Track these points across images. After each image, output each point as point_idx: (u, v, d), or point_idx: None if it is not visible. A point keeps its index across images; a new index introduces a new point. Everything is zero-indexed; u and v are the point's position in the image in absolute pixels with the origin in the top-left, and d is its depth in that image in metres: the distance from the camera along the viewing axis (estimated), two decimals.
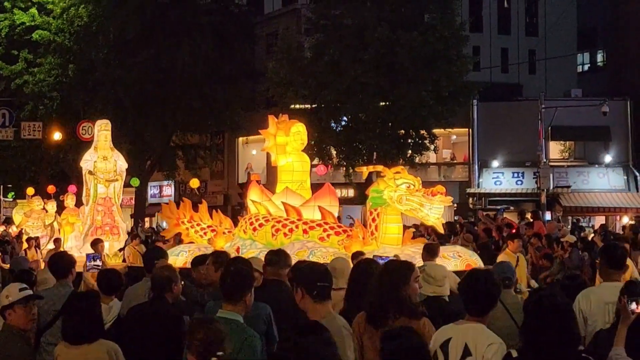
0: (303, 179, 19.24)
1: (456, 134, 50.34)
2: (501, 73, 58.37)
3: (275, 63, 42.76)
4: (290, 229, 17.63)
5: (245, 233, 18.56)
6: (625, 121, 48.98)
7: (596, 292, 8.82)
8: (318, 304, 7.12)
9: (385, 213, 16.79)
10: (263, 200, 18.68)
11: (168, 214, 21.08)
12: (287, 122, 19.23)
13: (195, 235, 20.24)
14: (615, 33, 51.97)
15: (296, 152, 19.10)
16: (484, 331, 6.65)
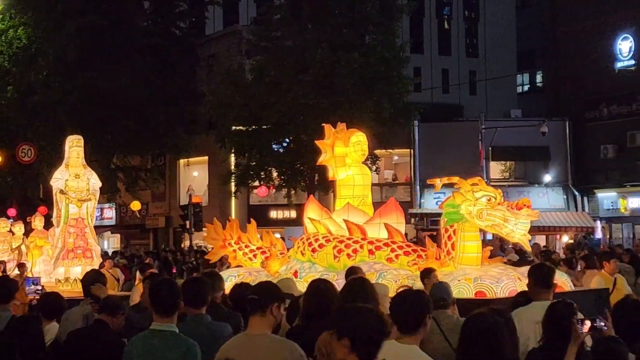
0: (365, 194, 17.61)
1: (398, 154, 50.48)
2: (442, 94, 58.86)
3: (215, 85, 42.67)
4: (354, 250, 16.19)
5: (303, 255, 17.00)
6: (564, 141, 49.48)
7: (526, 311, 8.81)
8: (250, 318, 7.01)
9: (462, 230, 15.22)
10: (323, 217, 17.08)
11: (213, 235, 19.33)
12: (346, 132, 17.79)
13: (244, 258, 18.57)
14: (554, 54, 52.51)
15: (357, 164, 17.51)
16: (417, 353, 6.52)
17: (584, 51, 47.52)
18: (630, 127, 45.72)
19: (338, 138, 17.51)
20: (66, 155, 23.45)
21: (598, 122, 47.95)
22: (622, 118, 46.48)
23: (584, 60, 47.48)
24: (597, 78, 46.94)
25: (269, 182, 44.41)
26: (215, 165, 48.52)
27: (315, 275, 14.80)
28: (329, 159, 17.57)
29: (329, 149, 17.59)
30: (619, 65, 47.18)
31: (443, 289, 9.56)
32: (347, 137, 17.46)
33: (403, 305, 6.66)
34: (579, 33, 48.51)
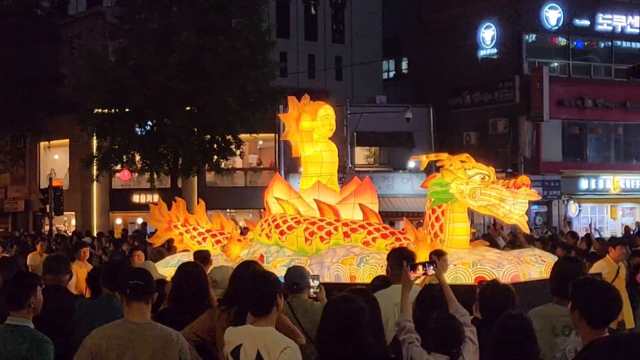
0: (332, 172, 16.19)
1: (263, 139, 50.33)
2: (308, 79, 58.87)
3: (77, 67, 41.85)
4: (328, 232, 14.83)
5: (269, 238, 15.53)
6: (428, 127, 50.11)
7: (386, 293, 8.85)
8: (133, 304, 6.72)
9: (451, 211, 14.05)
10: (291, 197, 15.56)
11: (157, 217, 17.56)
12: (312, 104, 16.17)
13: (192, 242, 16.92)
14: (418, 42, 53.10)
15: (324, 139, 16.05)
16: (276, 335, 6.42)
17: (448, 39, 48.17)
18: (492, 114, 46.55)
19: (304, 111, 16.01)
20: None
21: (461, 109, 48.70)
22: (484, 105, 47.29)
23: (448, 48, 48.15)
24: (460, 66, 47.64)
25: (132, 166, 43.83)
26: (77, 148, 47.63)
27: (284, 259, 14.25)
28: (294, 133, 16.07)
29: (293, 123, 16.08)
30: (481, 53, 48.00)
31: (297, 272, 9.47)
32: (315, 110, 16.00)
33: (252, 289, 6.58)
34: (443, 21, 49.16)
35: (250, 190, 49.91)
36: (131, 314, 6.68)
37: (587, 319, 5.86)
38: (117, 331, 6.63)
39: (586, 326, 5.83)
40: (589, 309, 5.87)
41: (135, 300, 6.69)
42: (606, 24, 48.11)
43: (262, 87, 41.51)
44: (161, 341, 6.59)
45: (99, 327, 6.83)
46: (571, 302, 6.06)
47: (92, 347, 6.55)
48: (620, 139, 49.04)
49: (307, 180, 15.90)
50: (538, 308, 7.91)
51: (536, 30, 47.03)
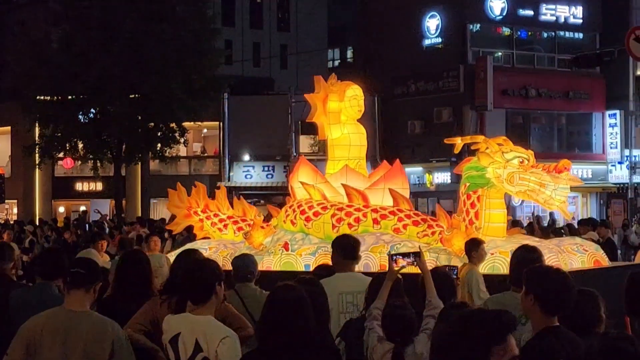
0: (360, 156, 15.40)
1: (207, 127, 50.10)
2: (253, 67, 58.75)
3: (18, 54, 41.43)
4: (356, 219, 14.09)
5: (294, 224, 14.78)
6: (373, 116, 50.11)
7: (331, 282, 8.70)
8: (72, 291, 6.65)
9: (487, 197, 13.40)
10: (317, 182, 14.86)
11: (176, 202, 16.84)
12: (340, 84, 15.50)
13: (212, 229, 16.17)
14: (364, 30, 53.15)
15: (352, 121, 15.35)
16: (214, 324, 6.35)
17: (393, 28, 48.22)
18: (436, 103, 46.71)
19: (331, 91, 15.32)
20: None
21: (406, 98, 48.78)
22: (429, 94, 47.40)
23: (393, 37, 48.21)
24: (405, 55, 47.73)
25: (75, 154, 43.54)
26: (19, 135, 47.10)
27: (310, 247, 13.79)
28: (320, 115, 15.33)
29: (320, 104, 15.36)
30: (426, 42, 48.11)
31: (248, 261, 9.42)
32: (342, 91, 15.29)
33: (191, 277, 6.54)
34: (388, 10, 49.19)
35: (195, 178, 49.48)
36: (70, 301, 6.62)
37: (540, 305, 5.88)
38: (53, 318, 6.57)
39: (539, 312, 5.85)
40: (543, 294, 5.89)
41: (75, 287, 6.61)
42: (550, 14, 48.44)
43: (206, 75, 41.42)
44: (95, 330, 6.52)
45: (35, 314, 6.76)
46: (525, 287, 6.08)
47: (28, 334, 6.49)
48: (563, 128, 49.50)
49: (334, 164, 15.28)
50: (495, 296, 7.99)
51: (480, 19, 47.25)
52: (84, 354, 6.44)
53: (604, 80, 48.31)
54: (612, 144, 48.63)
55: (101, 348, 6.46)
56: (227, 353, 6.15)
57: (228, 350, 6.16)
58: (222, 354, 6.14)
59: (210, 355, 6.17)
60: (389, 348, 6.82)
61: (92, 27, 40.49)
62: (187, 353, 6.24)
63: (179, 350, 6.29)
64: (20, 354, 6.46)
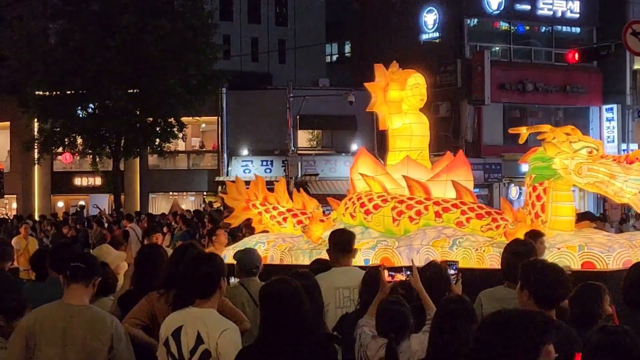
0: (423, 146, 14.59)
1: (205, 122, 50.20)
2: (251, 62, 58.73)
3: (17, 48, 41.48)
4: (417, 212, 13.35)
5: (353, 218, 14.10)
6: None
7: (327, 277, 8.78)
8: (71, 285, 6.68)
9: (554, 189, 12.64)
10: (377, 173, 14.21)
11: (234, 195, 15.89)
12: (401, 72, 14.70)
13: (272, 222, 15.38)
14: (361, 25, 53.20)
15: (414, 110, 14.52)
16: (215, 317, 6.41)
17: (390, 23, 48.29)
18: (433, 98, 46.46)
19: (393, 80, 14.54)
20: None
21: None
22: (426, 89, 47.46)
23: (390, 32, 48.26)
24: (402, 49, 47.66)
25: (74, 149, 43.58)
26: (18, 130, 47.15)
27: (370, 241, 13.12)
28: (381, 104, 14.63)
29: (380, 93, 14.64)
30: (423, 37, 48.19)
31: (253, 256, 9.47)
32: (404, 79, 14.47)
33: (198, 271, 6.54)
34: (386, 5, 49.27)
35: (193, 173, 49.86)
36: (69, 295, 6.64)
37: (535, 299, 5.96)
38: (52, 312, 6.60)
39: (534, 306, 5.90)
40: (537, 289, 5.97)
41: (74, 282, 6.63)
42: (547, 8, 48.52)
43: (204, 70, 41.44)
44: (93, 324, 6.55)
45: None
46: (520, 282, 6.15)
47: (27, 328, 6.52)
48: (560, 122, 49.41)
49: (395, 155, 14.52)
50: (489, 290, 7.89)
51: (478, 14, 47.32)
52: (83, 348, 6.47)
53: (601, 75, 48.40)
54: (609, 138, 48.72)
55: (100, 342, 6.50)
56: (228, 345, 6.20)
57: (229, 342, 6.22)
58: (222, 345, 6.20)
59: (211, 347, 6.22)
60: (382, 343, 6.83)
61: (90, 22, 40.56)
62: (189, 345, 6.29)
63: (181, 343, 6.34)
64: (19, 348, 6.49)
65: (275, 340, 5.66)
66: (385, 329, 6.87)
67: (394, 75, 14.54)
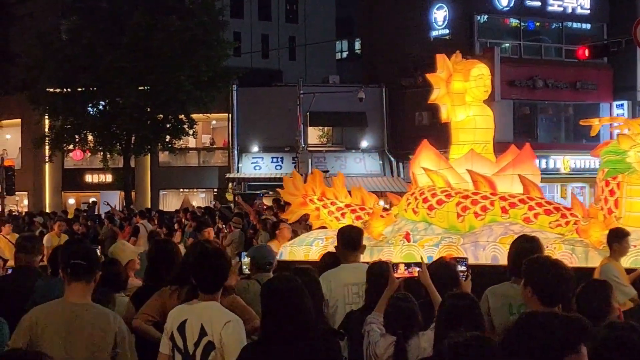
0: (487, 139, 14.11)
1: (216, 119, 50.28)
2: (262, 59, 58.81)
3: (28, 45, 41.61)
4: (483, 207, 12.86)
5: (415, 213, 13.61)
6: (381, 107, 50.26)
7: (336, 274, 8.82)
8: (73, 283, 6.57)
9: (628, 183, 12.06)
10: (441, 167, 13.71)
11: (291, 190, 15.44)
12: (465, 63, 14.27)
13: (329, 218, 14.81)
14: (371, 22, 53.18)
15: (478, 102, 14.07)
16: (219, 309, 6.47)
17: (400, 19, 48.26)
18: None
19: (456, 71, 14.05)
20: None
21: (413, 89, 48.80)
22: None
23: (400, 29, 48.24)
24: (412, 46, 47.74)
25: (84, 146, 43.71)
26: (29, 127, 47.31)
27: (433, 238, 12.74)
28: (443, 96, 14.11)
29: (443, 85, 14.11)
30: (434, 33, 48.11)
31: (267, 252, 9.54)
32: (467, 70, 14.00)
33: (205, 268, 6.58)
34: (396, 1, 49.24)
35: (204, 170, 49.93)
36: (70, 293, 6.54)
37: (538, 296, 5.98)
38: (55, 311, 6.52)
39: (538, 303, 5.92)
40: (541, 285, 5.98)
41: (75, 280, 6.53)
42: (557, 5, 48.41)
43: (215, 67, 41.50)
44: (97, 323, 6.49)
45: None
46: (524, 279, 6.17)
47: (30, 326, 6.45)
48: (570, 119, 49.46)
49: (459, 148, 14.09)
50: (495, 286, 7.86)
51: (488, 11, 47.25)
52: (87, 346, 6.42)
53: (612, 71, 48.30)
54: None
55: (104, 340, 6.46)
56: (231, 337, 6.26)
57: (232, 334, 6.27)
58: (225, 337, 6.26)
59: (215, 339, 6.29)
60: (391, 341, 6.84)
61: (101, 19, 40.66)
62: (194, 338, 6.36)
63: (186, 336, 6.41)
64: (22, 345, 6.34)
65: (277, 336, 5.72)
66: (393, 326, 6.88)
67: (457, 66, 14.13)
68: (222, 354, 6.29)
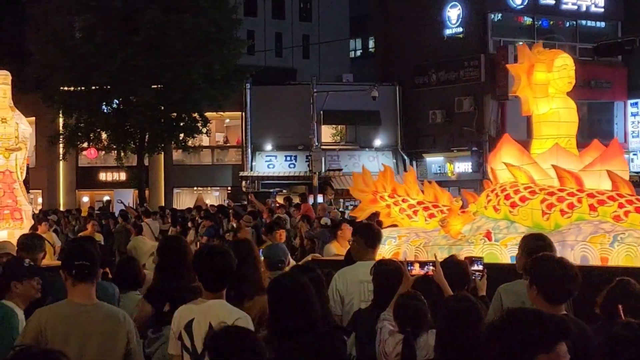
0: (571, 133, 13.32)
1: (229, 117, 50.38)
2: (275, 57, 58.85)
3: (42, 44, 41.74)
4: (569, 205, 11.98)
5: (496, 211, 12.91)
6: (394, 106, 50.24)
7: (352, 271, 8.83)
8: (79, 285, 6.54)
9: None
10: (524, 162, 12.94)
11: (361, 186, 14.79)
12: (548, 52, 13.54)
13: (400, 215, 14.15)
14: (385, 20, 53.15)
15: (562, 94, 13.26)
16: (227, 308, 6.49)
17: (414, 18, 48.24)
18: (457, 93, 46.72)
19: (538, 61, 13.32)
20: None
21: (427, 87, 48.82)
22: (450, 84, 47.43)
23: (414, 27, 48.20)
24: (426, 44, 47.73)
25: (98, 144, 43.83)
26: (43, 126, 47.41)
27: (516, 237, 11.65)
28: (524, 88, 13.40)
29: (524, 76, 13.43)
30: (447, 32, 48.06)
31: (280, 250, 9.61)
32: (550, 60, 13.22)
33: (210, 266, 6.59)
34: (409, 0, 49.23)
35: (218, 168, 50.01)
36: (76, 294, 6.50)
37: (544, 296, 5.96)
38: (63, 312, 6.49)
39: (543, 302, 5.90)
40: (546, 285, 5.97)
41: (80, 281, 6.50)
42: (571, 3, 48.33)
43: (228, 65, 41.52)
44: (109, 322, 6.50)
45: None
46: (529, 278, 6.16)
47: (38, 326, 6.40)
48: (584, 117, 49.17)
49: (541, 143, 13.34)
50: (508, 284, 7.85)
51: (502, 9, 47.21)
52: (99, 346, 6.41)
53: (626, 69, 48.19)
54: (633, 133, 48.56)
55: (116, 340, 6.47)
56: None
57: None
58: None
59: None
60: (399, 339, 6.84)
61: (114, 17, 40.76)
62: (203, 337, 6.25)
63: (193, 336, 6.41)
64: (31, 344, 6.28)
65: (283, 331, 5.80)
66: (403, 323, 6.88)
67: (540, 56, 13.37)
68: None
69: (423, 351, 6.77)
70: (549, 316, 3.83)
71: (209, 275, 6.56)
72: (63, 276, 6.63)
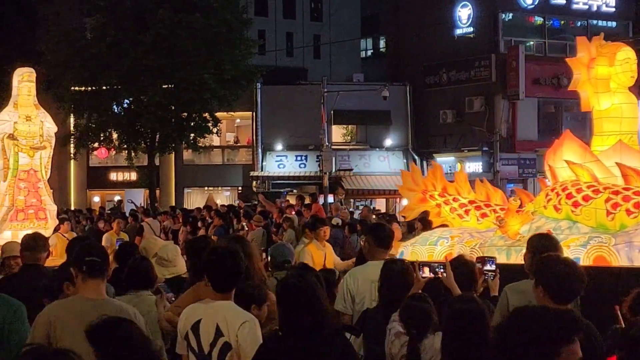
0: (633, 130, 12.76)
1: (240, 117, 50.41)
2: (286, 57, 58.81)
3: (52, 44, 41.82)
4: (636, 204, 11.34)
5: (557, 210, 12.30)
6: (405, 106, 50.22)
7: (363, 270, 8.86)
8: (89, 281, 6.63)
9: None
10: (586, 160, 12.32)
11: (410, 185, 14.31)
12: (609, 46, 12.92)
13: (451, 215, 13.76)
14: (395, 20, 53.15)
15: (624, 89, 12.69)
16: (234, 309, 6.50)
17: (424, 18, 48.22)
18: (468, 93, 46.69)
19: (599, 54, 12.82)
20: (14, 92, 18.23)
21: (438, 87, 48.82)
22: (460, 84, 47.42)
23: (425, 27, 48.19)
24: (437, 44, 47.74)
25: (109, 144, 43.91)
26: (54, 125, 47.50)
27: (579, 237, 11.46)
28: (584, 83, 12.90)
29: (584, 70, 12.94)
30: (458, 32, 48.04)
31: (286, 250, 9.63)
32: (612, 54, 12.66)
33: (219, 267, 6.61)
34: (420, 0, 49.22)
35: (228, 168, 50.03)
36: (86, 290, 6.59)
37: (550, 295, 5.97)
38: (73, 308, 6.53)
39: (550, 302, 5.89)
40: (552, 285, 5.98)
41: (92, 277, 6.59)
42: (582, 2, 48.26)
43: (238, 65, 41.56)
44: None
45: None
46: (535, 278, 6.17)
47: (49, 322, 6.45)
48: None
49: (602, 139, 12.77)
50: (515, 283, 7.84)
51: (512, 9, 47.15)
52: None
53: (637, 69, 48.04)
54: None
55: None
56: (247, 337, 6.28)
57: (248, 334, 6.30)
58: (242, 338, 6.28)
59: (231, 339, 6.31)
60: (405, 341, 6.85)
61: (125, 17, 40.81)
62: (209, 338, 6.38)
63: (200, 336, 6.43)
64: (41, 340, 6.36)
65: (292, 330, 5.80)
66: (409, 324, 6.88)
67: (601, 50, 12.87)
68: (239, 355, 6.30)
69: (428, 353, 6.76)
70: (561, 311, 3.88)
71: (218, 276, 6.57)
72: (73, 273, 6.70)
